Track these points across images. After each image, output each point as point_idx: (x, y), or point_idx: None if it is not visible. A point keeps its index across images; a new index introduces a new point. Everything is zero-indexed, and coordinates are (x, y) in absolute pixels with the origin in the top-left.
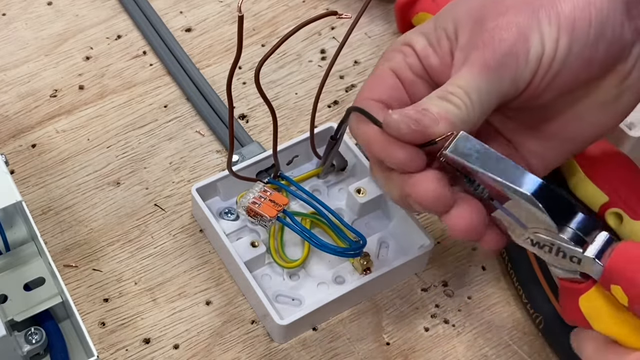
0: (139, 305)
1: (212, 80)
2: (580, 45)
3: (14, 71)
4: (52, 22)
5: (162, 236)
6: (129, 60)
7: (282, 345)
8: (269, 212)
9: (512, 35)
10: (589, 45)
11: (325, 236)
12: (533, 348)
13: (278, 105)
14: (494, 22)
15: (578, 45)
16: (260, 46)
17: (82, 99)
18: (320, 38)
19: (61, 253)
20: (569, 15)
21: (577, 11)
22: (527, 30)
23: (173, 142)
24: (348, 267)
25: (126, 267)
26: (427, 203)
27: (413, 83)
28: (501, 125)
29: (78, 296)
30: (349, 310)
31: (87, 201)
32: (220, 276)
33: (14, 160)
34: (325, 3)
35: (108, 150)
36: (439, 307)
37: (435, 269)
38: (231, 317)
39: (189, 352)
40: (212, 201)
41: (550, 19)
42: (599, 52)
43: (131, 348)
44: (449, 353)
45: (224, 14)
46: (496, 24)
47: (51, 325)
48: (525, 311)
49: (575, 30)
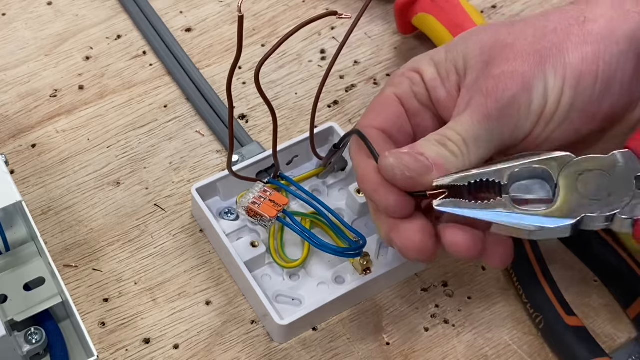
0: (139, 305)
1: (212, 80)
2: (584, 100)
3: (14, 71)
4: (52, 22)
5: (162, 236)
6: (129, 60)
7: (282, 345)
8: (269, 212)
9: (516, 85)
10: (594, 101)
11: (325, 236)
12: (533, 348)
13: (278, 105)
14: (501, 68)
15: (582, 99)
16: (260, 46)
17: (82, 99)
18: (320, 38)
19: (61, 253)
20: (575, 68)
21: (585, 64)
22: (531, 81)
23: (173, 142)
24: (348, 267)
25: (126, 267)
26: (410, 253)
27: (418, 112)
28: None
29: (78, 296)
30: (349, 310)
31: (87, 201)
32: (220, 276)
33: (14, 160)
34: (325, 3)
35: (108, 150)
36: (439, 307)
37: (435, 269)
38: (231, 317)
39: (189, 352)
40: (212, 201)
41: (556, 70)
42: (603, 107)
43: (131, 348)
44: (449, 353)
45: (224, 14)
46: (502, 71)
47: (51, 325)
48: (526, 311)
49: (580, 84)
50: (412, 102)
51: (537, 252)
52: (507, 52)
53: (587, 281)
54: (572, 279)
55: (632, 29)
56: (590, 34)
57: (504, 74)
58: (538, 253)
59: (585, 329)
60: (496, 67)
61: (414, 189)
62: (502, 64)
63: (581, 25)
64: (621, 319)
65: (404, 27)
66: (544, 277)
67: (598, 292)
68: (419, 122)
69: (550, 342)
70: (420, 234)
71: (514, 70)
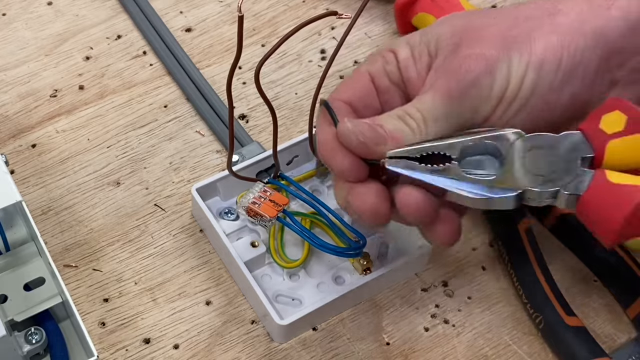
0: (139, 305)
1: (212, 80)
2: (545, 87)
3: (14, 71)
4: (52, 22)
5: (162, 236)
6: (129, 60)
7: (282, 345)
8: (269, 212)
9: (480, 66)
10: (554, 89)
11: (325, 236)
12: (533, 348)
13: (278, 105)
14: (467, 50)
15: (543, 86)
16: (260, 46)
17: (82, 99)
18: (320, 38)
19: (61, 253)
20: (539, 55)
21: (549, 52)
22: (495, 63)
23: (173, 142)
24: (348, 267)
25: (126, 267)
26: (365, 215)
27: (387, 91)
28: None
29: (78, 296)
30: (349, 310)
31: (87, 201)
32: (220, 276)
33: (14, 160)
34: (325, 3)
35: (108, 150)
36: (439, 307)
37: (435, 269)
38: (231, 317)
39: (189, 352)
40: (212, 201)
41: (521, 55)
42: (563, 97)
43: (131, 348)
44: (449, 353)
45: (224, 14)
46: (468, 53)
47: (51, 325)
48: (526, 311)
49: (542, 70)
50: (384, 80)
51: (537, 252)
52: (476, 36)
53: (587, 281)
54: (572, 279)
55: (601, 24)
56: (559, 25)
57: (469, 55)
58: (538, 253)
59: (585, 329)
60: (464, 49)
61: (368, 157)
62: (469, 47)
63: (552, 16)
64: (621, 319)
65: (404, 27)
66: (544, 277)
67: (598, 292)
68: (387, 99)
69: (550, 342)
70: (374, 196)
71: (479, 52)
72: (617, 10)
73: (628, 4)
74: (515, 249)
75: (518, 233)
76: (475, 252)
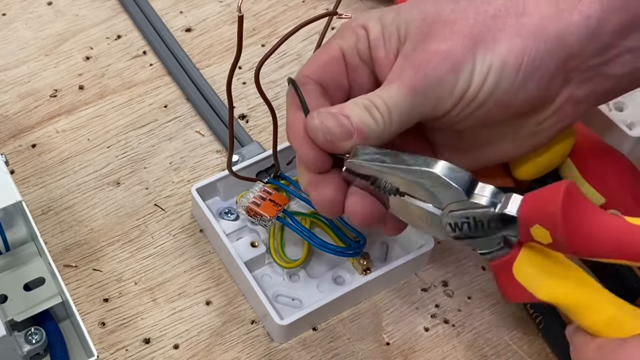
0: (139, 305)
1: (212, 80)
2: (503, 90)
3: (14, 71)
4: (52, 22)
5: (162, 236)
6: (129, 60)
7: (282, 345)
8: (269, 211)
9: (446, 65)
10: (512, 92)
11: (325, 236)
12: (533, 348)
13: (278, 105)
14: (436, 44)
15: (501, 89)
16: (260, 46)
17: (82, 99)
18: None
19: (61, 253)
20: (502, 58)
21: (511, 56)
22: (461, 64)
23: (173, 142)
24: (348, 267)
25: (126, 267)
26: (320, 207)
27: (357, 68)
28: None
29: (78, 296)
30: (349, 310)
31: (87, 201)
32: (220, 276)
33: (14, 160)
34: (325, 3)
35: (108, 150)
36: (439, 307)
37: (435, 269)
38: (231, 317)
39: (189, 352)
40: (212, 201)
41: (485, 57)
42: (517, 100)
43: (131, 348)
44: (449, 353)
45: (224, 14)
46: (436, 49)
47: (51, 325)
48: (526, 311)
49: (503, 74)
50: (354, 58)
51: None
52: (446, 29)
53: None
54: None
55: (562, 29)
56: (523, 27)
57: (437, 52)
58: None
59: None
60: (433, 42)
61: (334, 152)
62: (438, 41)
63: (519, 16)
64: None
65: None
66: None
67: None
68: (356, 77)
69: (550, 342)
70: (332, 192)
71: (447, 50)
72: (579, 15)
73: (589, 8)
74: None
75: None
76: (475, 252)
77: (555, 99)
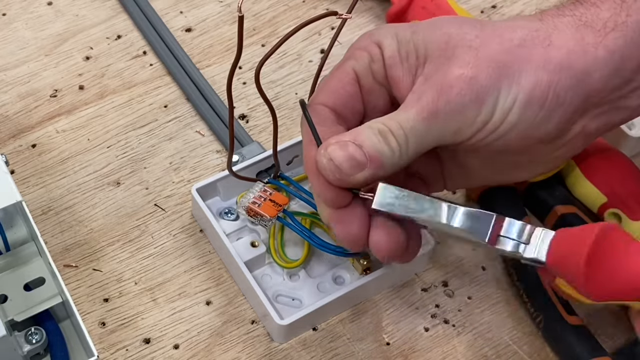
0: (139, 305)
1: (212, 80)
2: (525, 124)
3: (14, 71)
4: (52, 22)
5: (162, 236)
6: (129, 60)
7: (282, 345)
8: (269, 212)
9: (470, 94)
10: (533, 125)
11: (325, 236)
12: (533, 348)
13: (278, 105)
14: (460, 70)
15: (523, 123)
16: (260, 46)
17: (82, 99)
18: (320, 38)
19: (61, 253)
20: (527, 93)
21: (537, 90)
22: (485, 95)
23: (173, 142)
24: (348, 267)
25: (126, 267)
26: (344, 243)
27: (372, 90)
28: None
29: (78, 296)
30: (349, 310)
31: (87, 201)
32: (220, 276)
33: (14, 160)
34: (325, 3)
35: (108, 150)
36: (439, 307)
37: (435, 269)
38: (231, 317)
39: (189, 352)
40: (212, 201)
41: (510, 90)
42: (538, 133)
43: (131, 348)
44: (449, 353)
45: (224, 14)
46: (461, 75)
47: (51, 325)
48: (526, 311)
49: (527, 108)
50: (369, 80)
51: None
52: (470, 55)
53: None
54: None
55: (588, 64)
56: (549, 62)
57: (461, 78)
58: None
59: (586, 328)
60: (456, 68)
61: (349, 187)
62: (462, 66)
63: (545, 48)
64: (621, 319)
65: None
66: None
67: None
68: (371, 99)
69: (550, 341)
70: (356, 226)
71: (472, 77)
72: (604, 50)
73: (614, 44)
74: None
75: None
76: (475, 252)
77: (569, 131)
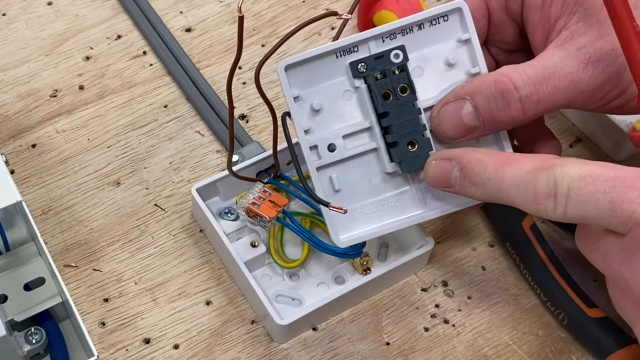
0: (139, 305)
1: (212, 80)
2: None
3: (14, 71)
4: (52, 22)
5: (162, 236)
6: (129, 60)
7: (282, 345)
8: (268, 212)
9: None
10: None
11: (325, 236)
12: (533, 348)
13: (278, 105)
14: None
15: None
16: (260, 46)
17: (82, 99)
18: (320, 38)
19: (61, 253)
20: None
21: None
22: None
23: (173, 142)
24: (348, 267)
25: (126, 267)
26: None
27: (502, 24)
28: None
29: (78, 296)
30: (349, 310)
31: (87, 201)
32: (220, 276)
33: (14, 160)
34: (325, 3)
35: (108, 150)
36: (439, 307)
37: (435, 269)
38: (231, 317)
39: (189, 352)
40: (212, 201)
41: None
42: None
43: (131, 348)
44: (449, 353)
45: (224, 14)
46: (611, 48)
47: (51, 325)
48: (526, 311)
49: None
50: (501, 13)
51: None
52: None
53: (602, 274)
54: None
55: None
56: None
57: (612, 51)
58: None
59: (609, 319)
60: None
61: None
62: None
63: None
64: None
65: (365, 25)
66: (560, 274)
67: None
68: (498, 32)
69: (577, 336)
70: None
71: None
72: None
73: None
74: (524, 249)
75: (523, 231)
76: (475, 252)
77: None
